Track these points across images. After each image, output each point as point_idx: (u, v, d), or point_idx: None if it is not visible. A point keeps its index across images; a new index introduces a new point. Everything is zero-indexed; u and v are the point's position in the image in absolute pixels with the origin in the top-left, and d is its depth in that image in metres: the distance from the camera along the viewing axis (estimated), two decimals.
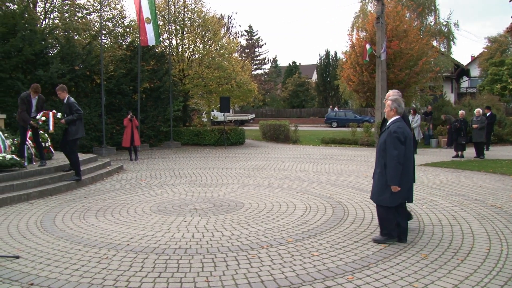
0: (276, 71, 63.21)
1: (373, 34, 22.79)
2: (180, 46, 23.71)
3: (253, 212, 7.50)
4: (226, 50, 23.97)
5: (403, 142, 5.54)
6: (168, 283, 4.49)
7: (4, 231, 6.50)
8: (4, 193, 8.55)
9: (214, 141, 21.22)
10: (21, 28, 16.16)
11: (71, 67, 17.12)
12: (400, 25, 22.94)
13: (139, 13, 18.37)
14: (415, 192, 9.19)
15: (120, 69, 19.44)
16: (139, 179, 11.46)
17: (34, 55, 16.06)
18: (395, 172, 5.49)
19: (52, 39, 18.46)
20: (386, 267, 4.88)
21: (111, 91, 18.73)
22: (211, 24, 23.37)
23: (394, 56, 22.44)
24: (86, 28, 21.53)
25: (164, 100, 21.17)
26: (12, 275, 4.74)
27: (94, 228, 6.63)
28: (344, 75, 26.15)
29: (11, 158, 9.39)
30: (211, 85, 22.75)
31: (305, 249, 5.51)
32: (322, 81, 54.31)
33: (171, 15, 22.58)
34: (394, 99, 5.89)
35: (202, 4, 24.04)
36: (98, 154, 15.50)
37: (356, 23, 35.44)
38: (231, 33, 49.67)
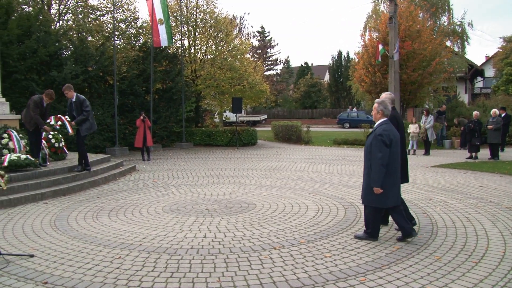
0: (288, 72, 63.09)
1: (385, 35, 22.65)
2: (192, 47, 23.77)
3: (265, 213, 7.50)
4: (238, 51, 23.97)
5: (388, 145, 5.59)
6: (180, 283, 4.50)
7: (19, 230, 6.58)
8: (19, 193, 8.66)
9: (226, 141, 21.24)
10: (36, 30, 16.35)
11: (85, 68, 17.27)
12: (413, 25, 22.75)
13: (151, 14, 18.47)
14: (429, 193, 9.18)
15: (133, 70, 19.56)
16: (151, 179, 11.51)
17: (49, 57, 16.23)
18: (378, 175, 5.57)
19: (66, 41, 18.65)
20: (399, 269, 4.84)
21: (124, 92, 18.85)
22: (223, 25, 23.40)
23: (407, 57, 22.26)
24: (99, 29, 21.72)
25: (176, 101, 21.25)
26: (26, 274, 4.79)
27: (107, 228, 6.67)
28: (356, 75, 26.02)
29: (26, 158, 9.49)
30: (223, 86, 22.78)
31: (317, 250, 5.49)
32: (335, 81, 54.14)
33: (184, 16, 22.66)
34: (380, 102, 5.94)
35: (214, 5, 24.10)
36: (111, 154, 15.60)
37: (369, 24, 35.27)
38: (243, 34, 49.61)
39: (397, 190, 5.78)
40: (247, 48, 26.73)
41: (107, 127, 18.03)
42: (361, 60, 25.05)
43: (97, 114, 17.83)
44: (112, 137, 18.05)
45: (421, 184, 10.36)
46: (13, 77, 15.13)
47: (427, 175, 11.93)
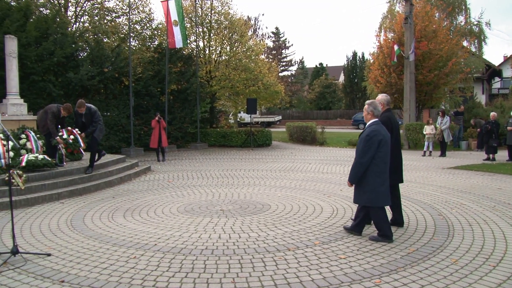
0: (303, 73, 63.05)
1: (401, 35, 22.48)
2: (207, 48, 23.85)
3: (279, 214, 7.48)
4: (253, 52, 23.98)
5: (375, 145, 5.71)
6: (195, 283, 4.51)
7: (36, 229, 6.66)
8: (36, 192, 8.76)
9: (241, 142, 21.27)
10: (53, 32, 16.54)
11: (101, 69, 17.43)
12: (429, 25, 22.52)
13: (167, 16, 18.58)
14: (445, 195, 9.08)
15: (148, 71, 19.69)
16: (166, 180, 11.56)
17: (65, 58, 16.40)
18: (355, 171, 5.82)
19: (82, 42, 18.84)
20: (414, 271, 4.79)
21: (139, 92, 18.98)
22: (238, 26, 23.44)
23: (422, 57, 22.05)
24: (115, 31, 21.92)
25: (191, 102, 21.33)
26: (44, 272, 4.85)
27: (122, 228, 6.72)
28: (371, 76, 25.84)
29: (43, 158, 9.61)
30: (238, 87, 22.81)
31: (332, 252, 5.46)
32: (349, 82, 53.92)
33: (198, 17, 22.76)
34: (370, 103, 6.04)
35: (229, 6, 24.18)
36: (126, 155, 15.70)
37: (384, 24, 34.98)
38: (258, 35, 49.72)
39: (385, 190, 5.84)
40: (262, 49, 26.72)
41: (123, 127, 18.17)
42: (376, 60, 24.88)
43: (113, 115, 18.00)
44: (127, 138, 18.18)
45: (437, 186, 10.25)
46: (31, 78, 15.33)
47: (443, 176, 11.81)
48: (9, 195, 5.51)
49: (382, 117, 6.20)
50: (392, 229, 6.08)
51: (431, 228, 6.56)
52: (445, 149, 17.39)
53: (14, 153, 9.49)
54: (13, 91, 12.78)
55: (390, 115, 6.51)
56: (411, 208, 7.92)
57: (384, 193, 5.81)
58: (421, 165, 14.31)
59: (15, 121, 11.75)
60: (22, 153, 9.73)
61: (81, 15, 22.73)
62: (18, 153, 9.65)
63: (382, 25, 35.32)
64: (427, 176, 11.91)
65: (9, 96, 12.75)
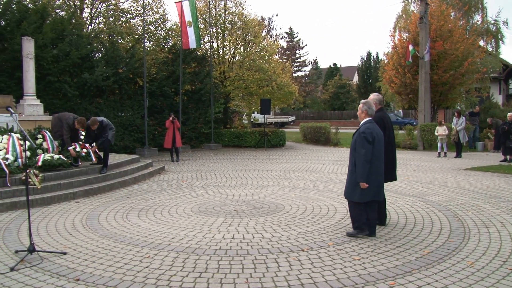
0: (316, 73, 62.85)
1: (416, 35, 22.29)
2: (221, 49, 23.89)
3: (293, 215, 7.47)
4: (267, 52, 23.97)
5: (371, 142, 5.87)
6: (208, 283, 4.52)
7: (52, 228, 6.73)
8: (52, 192, 8.87)
9: (255, 143, 21.27)
10: (68, 33, 16.73)
11: (115, 70, 17.56)
12: (444, 25, 22.30)
13: (181, 17, 18.66)
14: (460, 196, 8.98)
15: (162, 72, 19.78)
16: (180, 180, 11.61)
17: (81, 59, 16.56)
18: (363, 170, 5.86)
19: (97, 43, 19.02)
20: (429, 274, 4.74)
21: (153, 93, 19.09)
22: (252, 26, 23.44)
23: (438, 57, 21.85)
24: (130, 32, 22.06)
25: (205, 102, 21.39)
26: (59, 270, 4.90)
27: (136, 227, 6.76)
28: (386, 76, 25.67)
29: (59, 158, 9.72)
30: (251, 87, 22.81)
31: (346, 253, 5.43)
32: (363, 83, 53.64)
33: (212, 18, 22.80)
34: (364, 102, 6.25)
35: (243, 6, 24.15)
36: (141, 155, 15.80)
37: (399, 24, 34.73)
38: (272, 35, 49.74)
39: (378, 186, 5.99)
40: (276, 50, 26.71)
41: (137, 128, 18.29)
42: (390, 61, 24.72)
43: (127, 115, 18.12)
44: (141, 138, 18.29)
45: (452, 187, 10.15)
46: (47, 79, 15.51)
47: (458, 178, 11.68)
48: (26, 194, 5.58)
49: (375, 117, 6.38)
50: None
51: (446, 229, 6.49)
52: (461, 150, 17.19)
53: (30, 152, 9.62)
54: (30, 92, 12.96)
55: (383, 115, 6.67)
56: (425, 209, 7.85)
57: (376, 189, 5.98)
58: (436, 166, 14.17)
59: (32, 121, 11.92)
60: (38, 152, 9.86)
61: (96, 17, 22.94)
62: (35, 152, 9.78)
63: (397, 25, 35.07)
64: (442, 177, 11.79)
65: (26, 96, 12.93)
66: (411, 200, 8.63)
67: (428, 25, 20.97)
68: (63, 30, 16.62)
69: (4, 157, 8.88)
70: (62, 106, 15.95)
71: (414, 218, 7.22)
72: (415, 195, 9.15)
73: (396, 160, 6.81)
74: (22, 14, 15.85)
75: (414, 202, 8.49)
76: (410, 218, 7.23)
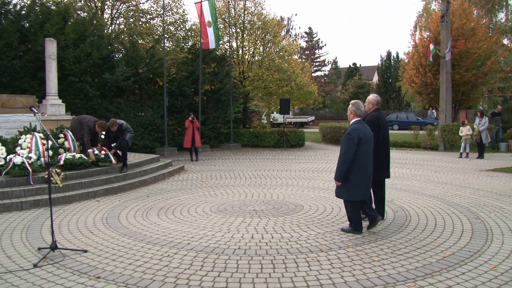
0: (336, 73, 62.52)
1: (437, 34, 22.01)
2: (240, 49, 23.93)
3: (312, 215, 7.44)
4: (286, 52, 23.92)
5: (356, 143, 5.97)
6: (227, 282, 4.53)
7: (73, 226, 6.83)
8: (73, 190, 9.00)
9: (274, 143, 21.24)
10: (90, 34, 16.95)
11: (135, 70, 17.72)
12: (466, 23, 21.97)
13: (200, 17, 18.73)
14: (483, 198, 8.84)
15: (182, 72, 19.89)
16: (199, 179, 11.66)
17: (101, 59, 16.75)
18: (339, 168, 6.09)
19: (118, 44, 19.22)
20: (450, 276, 4.67)
21: (173, 93, 19.21)
22: (271, 26, 23.43)
23: (459, 56, 21.53)
24: (150, 32, 22.27)
25: (224, 102, 21.44)
26: (81, 268, 4.97)
27: (156, 226, 6.81)
28: (406, 76, 25.41)
29: (80, 157, 9.85)
30: (271, 87, 22.79)
31: (365, 254, 5.39)
32: (383, 82, 53.09)
33: (232, 18, 22.85)
34: (354, 103, 6.36)
35: (262, 6, 24.14)
36: (160, 154, 15.90)
37: (419, 23, 34.38)
38: (291, 35, 49.60)
39: (366, 185, 6.13)
40: (295, 49, 26.64)
41: (157, 127, 18.42)
42: (411, 60, 24.46)
43: (147, 115, 18.27)
44: (161, 138, 18.42)
45: (474, 189, 9.98)
46: (69, 79, 15.72)
47: (480, 179, 11.49)
48: (49, 192, 5.67)
49: (370, 116, 6.69)
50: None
51: (468, 231, 6.38)
52: (483, 151, 16.90)
53: (53, 152, 9.78)
54: (52, 92, 13.17)
55: (378, 114, 6.82)
56: (446, 211, 7.74)
57: (363, 189, 6.10)
58: (458, 167, 13.97)
59: (54, 121, 12.11)
60: (60, 152, 10.02)
61: (117, 17, 23.22)
62: (57, 152, 9.94)
63: (418, 24, 34.73)
64: (464, 178, 11.62)
65: (48, 96, 13.14)
66: (431, 201, 8.52)
67: (450, 23, 20.67)
68: (85, 31, 16.84)
69: (28, 156, 9.03)
70: (83, 106, 16.17)
71: (435, 219, 7.12)
72: (436, 196, 9.04)
73: (389, 158, 7.00)
74: (45, 16, 16.12)
75: (435, 203, 8.38)
76: (431, 219, 7.13)
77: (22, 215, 7.55)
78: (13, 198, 8.17)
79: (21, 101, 10.89)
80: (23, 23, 15.91)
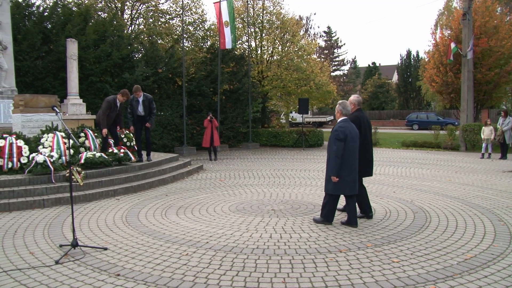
0: (355, 72, 62.13)
1: (458, 32, 21.70)
2: (259, 48, 23.94)
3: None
4: (305, 52, 23.86)
5: (342, 140, 6.36)
6: (245, 282, 4.53)
7: (94, 224, 6.91)
8: (94, 189, 9.10)
9: (292, 142, 21.20)
10: (110, 34, 17.14)
11: (155, 70, 17.86)
12: (489, 21, 21.59)
13: (218, 17, 18.78)
14: (506, 200, 8.70)
15: (201, 72, 19.98)
16: (218, 178, 11.69)
17: (121, 59, 16.93)
18: (333, 164, 6.40)
19: (138, 44, 19.41)
20: (472, 279, 4.59)
21: (192, 93, 19.31)
22: (290, 25, 23.39)
23: (482, 55, 21.18)
24: (169, 32, 22.44)
25: (243, 102, 21.48)
26: (101, 265, 5.02)
27: (175, 225, 6.85)
28: (426, 75, 25.12)
29: (100, 156, 9.95)
30: (289, 87, 22.74)
31: (385, 255, 5.34)
32: (403, 82, 52.57)
33: (250, 17, 22.87)
34: (340, 103, 6.80)
35: (281, 6, 24.19)
36: (179, 153, 16.00)
37: (440, 21, 34.00)
38: (310, 34, 49.37)
39: (352, 180, 6.46)
40: (314, 49, 26.55)
41: (176, 127, 18.53)
42: (431, 59, 24.17)
43: (166, 114, 18.40)
44: (180, 137, 18.53)
45: (497, 190, 9.81)
46: (89, 79, 15.94)
47: (503, 180, 11.29)
48: (70, 190, 5.74)
49: (352, 116, 6.95)
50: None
51: (491, 234, 6.27)
52: (506, 151, 16.59)
53: (74, 150, 9.91)
54: (73, 92, 13.37)
55: (360, 114, 7.14)
56: (468, 212, 7.62)
57: (350, 183, 6.45)
58: (480, 167, 13.75)
59: (75, 120, 12.29)
60: (81, 150, 10.15)
61: (137, 18, 23.44)
62: (78, 150, 10.07)
63: (438, 22, 34.34)
64: (486, 179, 11.43)
65: (69, 96, 13.34)
66: (452, 203, 8.40)
67: (472, 21, 20.35)
68: (105, 32, 17.04)
69: (50, 155, 9.16)
70: None
71: (456, 221, 7.02)
72: (457, 197, 8.91)
73: (372, 157, 7.34)
74: (67, 17, 16.37)
75: (456, 204, 8.26)
76: (452, 220, 7.03)
77: (44, 213, 7.67)
78: (35, 196, 8.31)
79: (44, 100, 11.06)
80: (45, 24, 16.19)
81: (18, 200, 7.98)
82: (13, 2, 15.17)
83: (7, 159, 9.00)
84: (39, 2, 16.69)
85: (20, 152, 9.17)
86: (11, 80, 12.36)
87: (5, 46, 12.11)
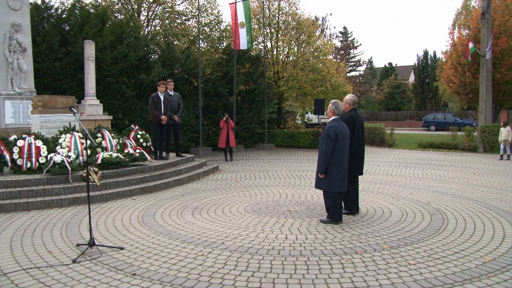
0: (371, 73, 61.74)
1: (477, 32, 21.43)
2: (274, 49, 23.93)
3: (346, 216, 7.34)
4: (321, 52, 23.78)
5: (333, 139, 6.53)
6: (261, 282, 4.53)
7: (110, 224, 6.97)
8: (110, 189, 9.18)
9: (308, 143, 21.15)
10: (127, 35, 17.29)
11: (171, 71, 17.95)
12: (509, 20, 21.26)
13: (234, 18, 18.82)
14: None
15: (217, 72, 20.03)
16: (234, 179, 11.71)
17: (138, 60, 17.06)
18: (321, 162, 6.62)
19: (154, 45, 19.54)
20: (491, 283, 4.51)
21: (208, 93, 19.37)
22: (306, 26, 23.33)
23: (501, 55, 20.89)
24: (185, 33, 22.54)
25: (259, 102, 21.48)
26: (117, 265, 5.06)
27: (190, 225, 6.87)
28: (444, 76, 24.88)
29: (117, 157, 10.03)
30: (305, 87, 22.69)
31: (401, 257, 5.29)
32: (420, 82, 52.06)
33: (266, 18, 22.87)
34: (333, 102, 6.89)
35: (297, 6, 24.09)
36: (195, 154, 16.04)
37: (458, 20, 33.59)
38: (326, 35, 49.22)
39: (341, 178, 6.63)
40: (330, 49, 26.44)
41: (192, 127, 18.61)
42: (449, 59, 23.93)
43: (182, 115, 18.47)
44: (196, 138, 18.60)
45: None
46: (106, 80, 16.08)
47: None
48: (87, 190, 5.80)
49: (346, 116, 7.16)
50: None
51: (510, 237, 6.17)
52: None
53: (91, 151, 10.01)
54: (90, 93, 13.51)
55: (353, 114, 7.33)
56: (486, 214, 7.51)
57: (340, 180, 6.61)
58: (498, 169, 13.55)
59: (92, 121, 12.42)
60: (98, 151, 10.24)
61: (153, 19, 23.60)
62: (95, 151, 10.16)
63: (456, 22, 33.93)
64: (505, 181, 11.26)
65: (87, 97, 13.49)
66: (470, 204, 8.29)
67: (491, 20, 20.07)
68: (122, 33, 17.19)
69: (67, 155, 9.27)
70: (120, 106, 16.50)
71: (473, 223, 6.92)
72: (474, 199, 8.79)
73: (363, 156, 7.54)
74: (85, 19, 16.56)
75: (474, 206, 8.15)
76: (470, 223, 6.94)
77: (61, 212, 7.76)
78: (53, 195, 8.41)
79: (62, 101, 11.20)
80: (63, 26, 16.40)
81: (37, 200, 8.09)
82: (33, 5, 15.40)
83: (26, 159, 9.12)
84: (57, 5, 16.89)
85: (38, 152, 9.29)
86: (30, 81, 12.55)
87: (24, 48, 12.29)
